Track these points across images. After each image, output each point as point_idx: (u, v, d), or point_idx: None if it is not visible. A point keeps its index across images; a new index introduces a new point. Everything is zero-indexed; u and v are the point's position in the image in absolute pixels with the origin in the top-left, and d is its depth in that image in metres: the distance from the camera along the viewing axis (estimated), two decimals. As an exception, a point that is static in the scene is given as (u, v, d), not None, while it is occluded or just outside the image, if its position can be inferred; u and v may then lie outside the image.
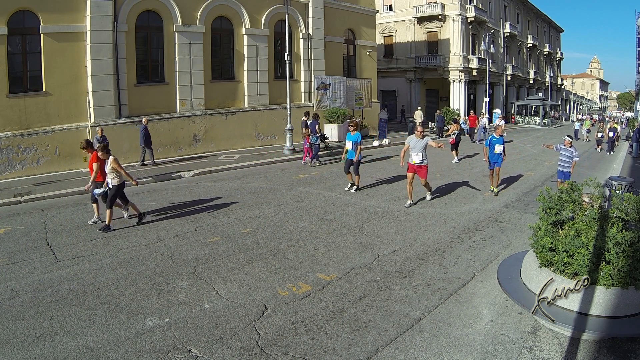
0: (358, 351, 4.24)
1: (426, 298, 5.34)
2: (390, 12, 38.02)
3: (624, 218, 4.47)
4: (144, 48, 16.14)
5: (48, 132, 13.74)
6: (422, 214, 9.02)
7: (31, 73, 13.64)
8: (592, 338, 4.32)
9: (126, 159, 15.07)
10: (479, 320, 4.83)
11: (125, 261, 6.47)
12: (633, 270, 4.19)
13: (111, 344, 4.32)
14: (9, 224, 8.48)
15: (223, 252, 6.86)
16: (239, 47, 18.62)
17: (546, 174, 13.97)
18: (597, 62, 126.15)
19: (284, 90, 17.58)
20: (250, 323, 4.72)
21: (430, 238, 7.55)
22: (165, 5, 16.06)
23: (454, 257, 6.67)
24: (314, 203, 9.86)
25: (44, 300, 5.22)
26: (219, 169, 14.17)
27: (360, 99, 23.46)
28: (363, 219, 8.60)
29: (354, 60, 24.29)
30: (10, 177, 12.91)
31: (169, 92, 16.58)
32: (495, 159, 10.61)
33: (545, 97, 48.28)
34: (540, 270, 4.68)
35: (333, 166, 14.73)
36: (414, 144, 9.46)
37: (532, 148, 21.34)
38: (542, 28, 55.49)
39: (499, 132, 10.80)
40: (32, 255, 6.75)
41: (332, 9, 22.00)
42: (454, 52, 35.41)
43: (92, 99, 14.43)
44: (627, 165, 16.94)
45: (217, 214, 8.91)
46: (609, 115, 70.43)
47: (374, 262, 6.45)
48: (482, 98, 37.16)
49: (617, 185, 8.62)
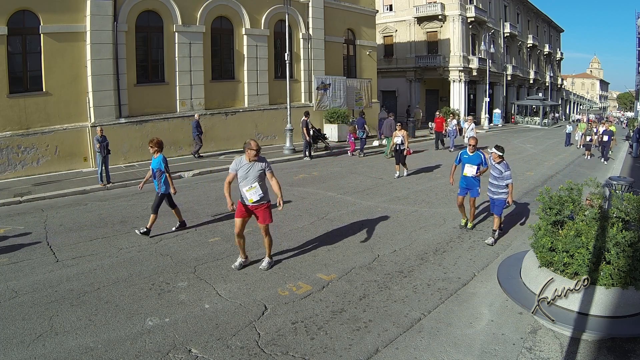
0: (358, 351, 4.23)
1: (426, 298, 5.34)
2: (390, 12, 37.99)
3: (624, 218, 4.47)
4: (144, 48, 16.14)
5: (48, 132, 13.73)
6: (422, 214, 9.02)
7: (31, 73, 13.64)
8: (592, 338, 4.32)
9: (126, 159, 15.09)
10: (479, 320, 4.83)
11: (125, 261, 6.47)
12: (633, 270, 4.19)
13: (111, 344, 4.32)
14: (9, 224, 8.48)
15: (223, 252, 6.86)
16: (239, 47, 18.62)
17: (546, 174, 13.97)
18: (597, 62, 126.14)
19: (284, 90, 17.58)
20: (250, 323, 4.72)
21: (430, 238, 7.55)
22: (165, 5, 16.05)
23: (454, 257, 6.67)
24: (314, 203, 9.85)
25: (44, 300, 5.22)
26: (218, 169, 14.17)
27: (360, 99, 23.47)
28: (363, 219, 8.60)
29: (354, 60, 24.29)
30: (10, 177, 12.91)
31: (169, 92, 16.58)
32: (468, 184, 7.70)
33: (545, 97, 48.26)
34: (540, 270, 4.68)
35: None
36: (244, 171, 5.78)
37: (532, 148, 21.34)
38: (542, 28, 55.46)
39: (472, 147, 7.75)
40: (32, 255, 6.75)
41: (332, 9, 21.99)
42: (454, 52, 35.39)
43: (92, 99, 14.43)
44: (627, 165, 16.93)
45: (217, 214, 8.91)
46: (607, 115, 69.47)
47: (374, 262, 6.45)
48: (482, 98, 37.16)
49: (617, 185, 8.61)
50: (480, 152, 7.75)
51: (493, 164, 7.32)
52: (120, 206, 9.75)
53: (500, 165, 7.22)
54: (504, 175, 7.16)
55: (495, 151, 7.23)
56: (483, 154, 7.75)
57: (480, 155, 7.72)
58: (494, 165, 7.30)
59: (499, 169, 7.21)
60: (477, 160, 7.69)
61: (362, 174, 13.40)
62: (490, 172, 7.39)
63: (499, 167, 7.21)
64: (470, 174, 7.62)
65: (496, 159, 7.25)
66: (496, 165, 7.25)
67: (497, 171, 7.24)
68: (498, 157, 7.23)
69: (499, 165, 7.23)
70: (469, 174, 7.62)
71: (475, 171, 7.59)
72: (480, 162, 7.68)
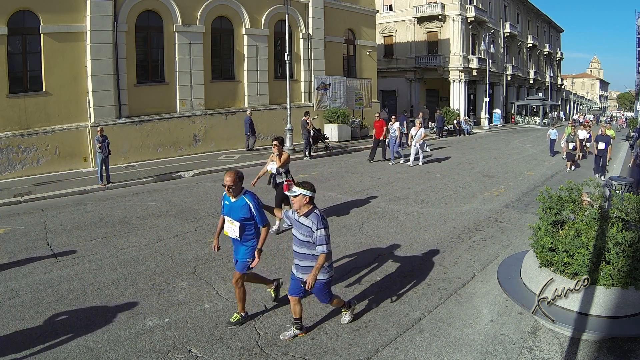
0: (358, 351, 4.23)
1: (426, 298, 5.34)
2: (390, 12, 38.00)
3: (624, 218, 4.47)
4: (144, 48, 16.15)
5: (48, 132, 13.73)
6: (422, 214, 9.02)
7: (31, 73, 13.64)
8: (592, 338, 4.32)
9: (126, 159, 15.09)
10: (479, 320, 4.83)
11: (125, 261, 6.47)
12: (633, 270, 4.19)
13: (111, 344, 4.32)
14: (9, 224, 8.48)
15: (223, 252, 6.82)
16: (239, 47, 18.62)
17: (546, 174, 13.96)
18: (597, 62, 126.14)
19: (284, 90, 17.58)
20: (250, 323, 4.72)
21: (430, 238, 7.55)
22: (165, 5, 16.05)
23: (454, 257, 6.67)
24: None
25: (44, 300, 5.22)
26: (219, 169, 14.17)
27: (360, 99, 23.47)
28: (363, 219, 8.60)
29: (354, 60, 24.30)
30: (10, 177, 12.91)
31: (169, 92, 16.58)
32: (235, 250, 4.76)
33: (545, 97, 48.24)
34: (540, 270, 4.68)
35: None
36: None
37: (532, 148, 21.33)
38: (542, 28, 55.46)
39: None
40: (32, 255, 6.75)
41: (332, 9, 22.00)
42: (454, 52, 35.39)
43: (92, 99, 14.43)
44: (627, 165, 16.91)
45: (217, 214, 8.90)
46: (608, 116, 68.40)
47: (374, 262, 6.45)
48: (482, 98, 37.16)
49: (617, 185, 8.61)
50: (251, 197, 4.48)
51: (295, 218, 4.15)
52: (120, 206, 9.75)
53: (308, 219, 4.03)
54: (316, 236, 3.97)
55: (303, 192, 4.01)
56: (255, 199, 4.48)
57: (248, 205, 4.43)
58: (296, 221, 4.12)
59: (306, 226, 4.02)
60: (242, 212, 4.45)
61: (362, 174, 13.40)
62: (293, 233, 4.23)
63: (305, 224, 4.03)
64: (232, 234, 4.57)
65: (301, 206, 4.06)
66: (300, 221, 4.06)
67: (304, 229, 4.04)
68: (305, 203, 4.06)
69: (306, 219, 4.04)
70: (231, 234, 4.59)
71: (237, 231, 4.50)
72: (247, 216, 4.45)
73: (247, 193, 4.56)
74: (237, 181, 4.47)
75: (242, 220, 4.51)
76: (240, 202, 4.53)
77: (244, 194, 4.56)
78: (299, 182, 4.24)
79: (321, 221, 4.08)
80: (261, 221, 4.52)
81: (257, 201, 4.54)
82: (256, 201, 4.54)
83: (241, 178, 4.54)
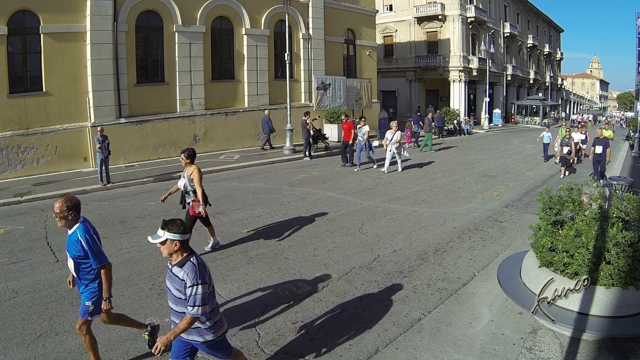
0: (358, 351, 4.24)
1: (426, 298, 5.34)
2: (390, 12, 37.99)
3: (624, 218, 4.47)
4: (144, 48, 16.14)
5: (48, 132, 13.73)
6: (422, 214, 9.02)
7: (31, 73, 13.63)
8: (592, 338, 4.32)
9: (126, 159, 15.09)
10: (479, 320, 4.83)
11: (125, 261, 6.47)
12: (633, 270, 4.19)
13: (111, 343, 4.32)
14: (9, 224, 8.48)
15: (223, 252, 6.86)
16: (239, 47, 18.62)
17: (546, 174, 13.96)
18: (597, 62, 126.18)
19: (284, 90, 17.58)
20: (250, 323, 4.72)
21: (430, 238, 7.55)
22: (165, 5, 16.05)
23: (454, 257, 6.67)
24: (314, 203, 9.85)
25: (44, 300, 5.22)
26: (219, 169, 14.17)
27: (360, 99, 23.47)
28: (363, 219, 8.60)
29: (354, 60, 24.29)
30: (10, 177, 12.91)
31: (169, 92, 16.58)
32: None
33: (545, 97, 48.25)
34: (540, 270, 4.68)
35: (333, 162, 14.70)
36: None
37: (532, 148, 21.32)
38: (542, 28, 55.46)
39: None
40: (32, 255, 6.75)
41: (332, 9, 21.99)
42: (454, 52, 35.39)
43: (92, 99, 14.43)
44: (627, 165, 16.92)
45: (217, 214, 8.90)
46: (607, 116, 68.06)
47: (374, 262, 6.45)
48: (482, 98, 37.16)
49: (617, 185, 8.62)
50: (83, 230, 3.71)
51: (168, 266, 3.23)
52: (120, 206, 9.75)
53: (182, 270, 3.09)
54: (189, 294, 3.04)
55: (170, 236, 3.07)
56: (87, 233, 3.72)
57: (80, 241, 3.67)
58: (169, 271, 3.19)
59: (179, 279, 3.09)
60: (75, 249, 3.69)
61: (362, 174, 13.40)
62: (167, 285, 3.25)
63: (179, 276, 3.09)
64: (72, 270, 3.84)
65: (171, 254, 3.13)
66: (173, 271, 3.14)
67: (178, 282, 3.10)
68: (175, 250, 3.11)
69: (179, 270, 3.10)
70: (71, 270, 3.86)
71: (73, 270, 3.81)
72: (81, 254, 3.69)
73: (81, 224, 3.65)
74: (66, 210, 3.55)
75: (77, 258, 3.64)
76: (74, 237, 3.62)
77: (77, 226, 3.65)
78: (167, 220, 3.09)
79: (198, 275, 3.02)
80: (96, 261, 3.62)
81: (89, 235, 3.60)
82: (88, 236, 3.59)
83: (76, 206, 3.64)
